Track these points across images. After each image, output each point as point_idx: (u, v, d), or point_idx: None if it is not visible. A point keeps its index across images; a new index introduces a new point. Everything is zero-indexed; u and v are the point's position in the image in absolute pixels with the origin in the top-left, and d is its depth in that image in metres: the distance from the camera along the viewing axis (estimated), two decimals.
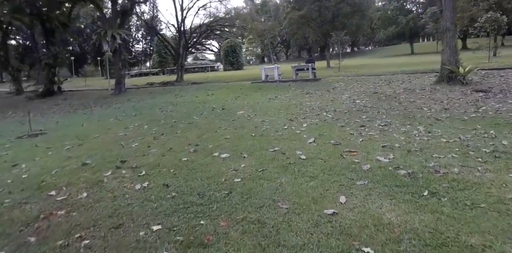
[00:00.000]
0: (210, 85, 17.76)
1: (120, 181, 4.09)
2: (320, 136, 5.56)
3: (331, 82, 13.53)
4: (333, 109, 8.05)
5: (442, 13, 10.30)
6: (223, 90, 14.79)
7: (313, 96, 10.58)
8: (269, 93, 12.29)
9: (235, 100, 11.36)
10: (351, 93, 10.52)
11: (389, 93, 9.61)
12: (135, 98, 15.19)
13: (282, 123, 6.97)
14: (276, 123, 6.97)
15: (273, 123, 7.00)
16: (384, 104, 8.10)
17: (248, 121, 7.56)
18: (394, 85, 11.32)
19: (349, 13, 28.32)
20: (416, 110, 7.15)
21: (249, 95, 12.32)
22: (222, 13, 25.89)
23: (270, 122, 7.19)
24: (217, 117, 8.46)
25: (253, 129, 6.62)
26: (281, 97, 11.12)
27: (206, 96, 13.42)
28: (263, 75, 15.43)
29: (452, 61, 10.03)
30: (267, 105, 9.73)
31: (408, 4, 57.87)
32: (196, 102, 11.90)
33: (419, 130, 5.46)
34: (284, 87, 13.31)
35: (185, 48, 25.98)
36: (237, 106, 9.93)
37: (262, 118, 7.76)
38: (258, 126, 6.86)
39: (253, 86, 14.53)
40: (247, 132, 6.32)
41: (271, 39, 79.18)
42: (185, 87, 18.50)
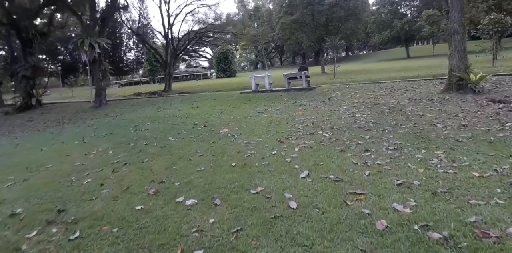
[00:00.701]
0: (197, 96, 16.69)
1: (41, 250, 2.97)
2: (315, 166, 4.48)
3: (326, 91, 12.50)
4: (330, 126, 6.97)
5: (449, 14, 9.33)
6: (210, 101, 13.71)
7: (307, 109, 9.52)
8: (258, 105, 11.23)
9: (221, 114, 10.28)
10: (350, 104, 9.48)
11: (393, 105, 8.57)
12: (113, 113, 14.07)
13: (270, 145, 5.88)
14: (263, 146, 5.88)
15: (260, 146, 5.90)
16: (389, 119, 7.04)
17: (230, 143, 6.46)
18: (397, 94, 10.30)
19: (343, 17, 27.45)
20: (428, 127, 6.09)
21: (237, 108, 11.25)
22: (211, 19, 24.97)
23: (256, 144, 6.10)
24: (196, 137, 7.35)
25: (235, 155, 5.52)
26: (272, 110, 10.05)
27: (190, 109, 12.32)
28: (252, 85, 14.39)
29: (461, 67, 9.03)
30: (255, 120, 8.65)
31: (402, 8, 57.46)
32: (177, 116, 10.79)
33: (439, 157, 4.39)
34: (275, 98, 12.26)
35: (173, 56, 24.94)
36: (221, 122, 8.85)
37: (248, 138, 6.67)
38: (242, 150, 5.76)
39: (241, 97, 13.47)
40: (227, 160, 5.22)
41: (265, 45, 78.71)
42: (171, 98, 17.41)
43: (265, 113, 9.61)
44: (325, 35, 24.70)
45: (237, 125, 8.26)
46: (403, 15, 56.28)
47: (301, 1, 26.48)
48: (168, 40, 24.08)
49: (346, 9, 26.68)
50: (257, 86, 14.44)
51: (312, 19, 27.51)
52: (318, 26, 27.99)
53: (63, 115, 15.94)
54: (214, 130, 7.97)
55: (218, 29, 25.24)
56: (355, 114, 8.00)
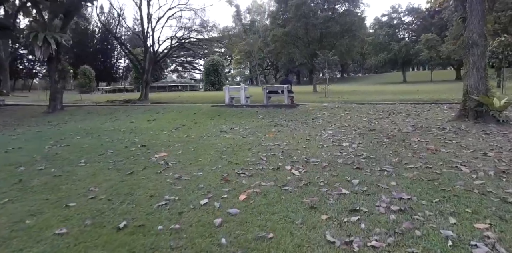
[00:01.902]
0: (166, 107, 14.63)
1: None
2: (260, 244, 2.41)
3: (311, 110, 10.55)
4: (304, 158, 4.94)
5: (465, 22, 7.54)
6: (173, 114, 11.66)
7: (282, 131, 7.50)
8: (226, 122, 9.21)
9: (174, 131, 8.21)
10: (337, 128, 7.49)
11: (393, 132, 6.60)
12: (58, 120, 11.94)
13: (206, 186, 3.84)
14: (196, 187, 3.83)
15: (191, 187, 3.86)
16: (388, 153, 5.04)
17: (154, 176, 4.40)
18: (397, 119, 8.37)
19: (339, 33, 25.96)
20: (448, 170, 4.08)
21: (199, 124, 9.21)
22: (196, 25, 23.26)
23: (189, 182, 4.06)
24: (117, 163, 5.25)
25: (143, 202, 3.46)
26: (239, 129, 8.02)
27: (145, 122, 10.24)
28: (226, 98, 12.41)
29: (481, 89, 7.17)
30: (211, 142, 6.59)
31: (400, 31, 57.00)
32: (121, 130, 8.70)
33: (485, 236, 2.36)
34: (249, 114, 10.27)
35: (152, 63, 22.99)
36: (167, 142, 6.78)
37: (184, 170, 4.62)
38: (160, 193, 3.71)
39: (211, 111, 11.46)
40: (120, 214, 3.14)
41: (259, 61, 77.62)
42: (137, 107, 15.33)
43: (228, 133, 7.57)
44: (318, 50, 23.06)
45: (183, 147, 6.19)
46: (401, 38, 55.76)
47: (295, 13, 24.99)
48: (146, 45, 22.18)
49: (341, 24, 25.21)
50: (231, 100, 12.46)
51: (305, 33, 25.98)
52: (312, 41, 26.44)
53: (4, 120, 13.72)
54: (150, 152, 5.89)
55: (202, 36, 23.49)
56: (342, 142, 5.99)
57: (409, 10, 54.20)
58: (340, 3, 27.17)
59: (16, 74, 64.17)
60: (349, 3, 26.93)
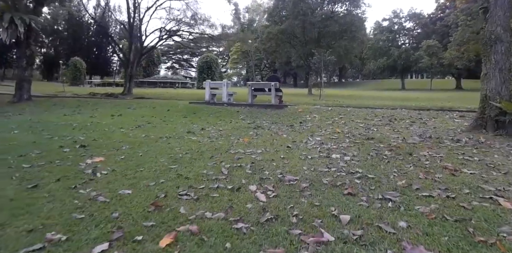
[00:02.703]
0: (142, 102, 13.30)
1: None
2: None
3: (301, 112, 9.30)
4: (278, 174, 3.67)
5: (487, 13, 6.35)
6: (145, 110, 10.37)
7: (261, 135, 6.23)
8: (199, 122, 7.93)
9: (134, 129, 6.92)
10: (327, 135, 6.23)
11: (396, 143, 5.35)
12: (15, 111, 10.60)
13: (123, 216, 2.59)
14: (105, 219, 2.56)
15: (100, 217, 2.60)
16: (392, 172, 3.78)
17: (60, 194, 3.14)
18: (400, 126, 7.14)
19: (337, 33, 24.78)
20: (481, 205, 2.82)
21: (168, 122, 7.92)
22: (187, 18, 21.91)
23: (101, 208, 2.82)
24: (29, 169, 3.97)
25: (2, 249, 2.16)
26: (211, 130, 6.74)
27: (108, 117, 8.92)
28: (207, 94, 11.11)
29: (504, 94, 5.98)
30: (169, 145, 5.31)
31: (401, 36, 56.11)
32: (73, 126, 7.38)
33: None
34: (229, 114, 8.99)
35: (138, 55, 21.62)
36: (117, 143, 5.50)
37: (111, 186, 3.37)
38: (43, 228, 2.42)
39: (187, 108, 10.17)
40: None
41: (256, 61, 76.33)
42: (110, 101, 14.00)
43: (196, 135, 6.28)
44: (314, 49, 21.84)
45: (131, 151, 4.89)
46: (401, 44, 54.90)
47: (292, 10, 23.79)
48: (132, 35, 20.80)
49: (341, 24, 24.02)
50: (212, 97, 11.17)
51: (302, 31, 24.77)
52: (309, 40, 25.22)
53: None
54: (85, 156, 4.59)
55: (193, 28, 22.12)
56: (331, 152, 4.72)
57: (410, 15, 53.32)
58: (340, 2, 26.00)
59: (7, 63, 62.28)
60: (349, 2, 25.78)
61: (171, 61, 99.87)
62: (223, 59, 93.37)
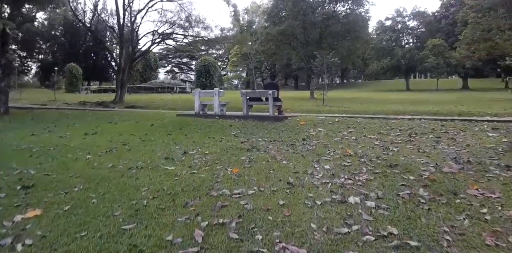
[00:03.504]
0: (125, 115, 12.13)
1: None
2: None
3: (303, 124, 8.13)
4: (278, 243, 2.49)
5: None
6: (126, 124, 9.26)
7: (256, 161, 5.06)
8: (184, 141, 6.78)
9: (104, 155, 5.78)
10: (337, 159, 5.06)
11: (428, 173, 4.18)
12: None
13: None
14: None
15: None
16: (441, 232, 2.61)
17: None
18: (424, 143, 5.96)
19: (340, 33, 23.62)
20: None
21: (146, 142, 6.77)
22: (181, 20, 20.79)
23: None
24: None
25: None
26: (195, 154, 5.58)
27: (81, 135, 7.79)
28: (196, 105, 9.95)
29: None
30: (137, 182, 4.16)
31: (404, 36, 54.89)
32: (33, 151, 6.26)
33: None
34: (220, 129, 7.84)
35: (128, 60, 20.53)
36: (73, 179, 4.39)
37: None
38: None
39: (174, 122, 9.03)
40: None
41: (257, 64, 75.25)
42: (93, 113, 12.86)
43: (175, 162, 5.13)
44: (316, 51, 20.64)
45: (83, 195, 3.75)
46: (405, 43, 53.72)
47: (292, 9, 22.66)
48: (122, 40, 19.71)
49: (343, 23, 22.86)
50: (203, 108, 10.01)
51: (303, 32, 23.62)
52: (310, 41, 24.06)
53: None
54: (20, 206, 3.45)
55: (187, 31, 21.03)
56: (347, 193, 3.55)
57: (414, 14, 52.11)
58: (342, 1, 24.85)
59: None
60: (352, 1, 24.63)
61: (171, 65, 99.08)
62: (222, 61, 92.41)
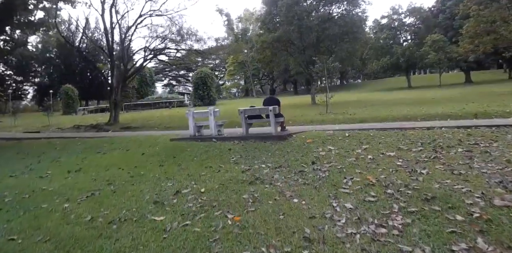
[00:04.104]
0: (119, 140, 11.32)
1: None
2: None
3: (310, 142, 7.31)
4: None
5: None
6: (116, 154, 8.50)
7: (260, 201, 4.24)
8: (177, 174, 5.98)
9: (84, 201, 4.99)
10: (358, 191, 4.25)
11: (478, 209, 3.36)
12: None
13: None
14: None
15: None
16: None
17: None
18: (457, 161, 5.12)
19: (338, 35, 22.90)
20: None
21: (136, 178, 5.99)
22: (172, 34, 20.12)
23: None
24: None
25: None
26: (189, 195, 4.77)
27: (63, 175, 7.01)
28: (191, 127, 9.15)
29: None
30: (114, 248, 3.36)
31: (402, 33, 54.21)
32: (5, 202, 5.46)
33: None
34: (218, 155, 7.03)
35: (121, 79, 19.85)
36: (39, 243, 3.59)
37: None
38: None
39: (167, 149, 8.23)
40: None
41: (254, 71, 74.85)
42: (82, 142, 12.05)
43: (165, 208, 4.32)
44: (314, 56, 19.86)
45: None
46: (403, 40, 53.07)
47: (286, 15, 21.99)
48: (113, 59, 19.07)
49: (340, 25, 22.15)
50: (198, 129, 9.20)
51: (299, 37, 22.92)
52: (307, 46, 23.34)
53: None
54: None
55: (179, 45, 20.37)
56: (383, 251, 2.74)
57: (410, 10, 51.50)
58: (338, 2, 24.19)
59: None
60: (347, 2, 23.96)
61: (168, 78, 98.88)
62: (220, 71, 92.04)
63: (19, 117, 34.71)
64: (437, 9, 50.12)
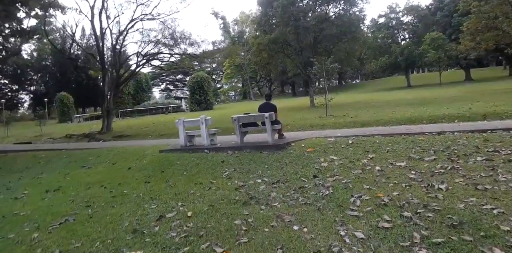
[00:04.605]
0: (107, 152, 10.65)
1: None
2: None
3: (310, 151, 6.70)
4: None
5: None
6: (101, 169, 7.91)
7: (256, 228, 3.64)
8: (164, 192, 5.37)
9: (54, 231, 4.41)
10: (370, 213, 3.66)
11: None
12: None
13: None
14: None
15: None
16: None
17: None
18: (478, 173, 4.53)
19: (336, 35, 22.35)
20: None
21: (118, 199, 5.39)
22: (165, 39, 19.55)
23: None
24: None
25: None
26: (174, 221, 4.17)
27: (40, 195, 6.41)
28: (181, 136, 8.54)
29: None
30: None
31: (400, 32, 53.73)
32: None
33: None
34: (210, 168, 6.43)
35: (113, 86, 19.26)
36: None
37: None
38: None
39: (155, 162, 7.62)
40: None
41: (251, 74, 74.35)
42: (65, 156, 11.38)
43: (145, 239, 3.72)
44: (312, 57, 19.31)
45: None
46: (402, 39, 52.61)
47: (282, 15, 21.44)
48: (104, 66, 18.49)
49: (339, 25, 21.61)
50: (190, 139, 8.60)
51: (296, 38, 22.36)
52: (305, 47, 22.77)
53: None
54: None
55: (172, 49, 19.81)
56: None
57: (407, 8, 51.00)
58: (334, 2, 23.64)
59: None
60: (344, 1, 23.42)
61: (165, 83, 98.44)
62: (217, 74, 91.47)
63: (13, 127, 34.01)
64: (435, 7, 49.70)
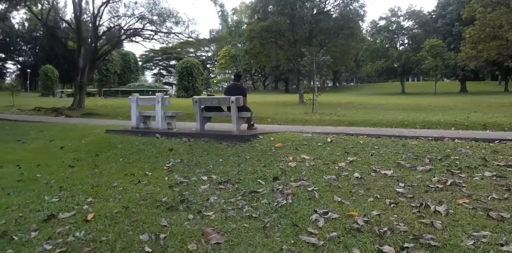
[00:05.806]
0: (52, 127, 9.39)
1: None
2: None
3: (279, 148, 5.51)
4: None
5: None
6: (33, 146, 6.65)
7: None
8: (80, 182, 4.14)
9: None
10: (333, 242, 2.50)
11: None
12: None
13: None
14: None
15: None
16: None
17: None
18: (487, 193, 3.40)
19: (332, 29, 21.16)
20: None
21: (24, 183, 4.15)
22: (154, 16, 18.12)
23: None
24: None
25: None
26: (64, 223, 2.96)
27: None
28: (133, 117, 7.30)
29: None
30: None
31: (399, 36, 52.89)
32: None
33: None
34: (153, 156, 5.24)
35: (88, 60, 17.79)
36: None
37: None
38: None
39: (96, 142, 6.39)
40: None
41: (246, 66, 72.84)
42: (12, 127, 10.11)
43: (12, 245, 2.51)
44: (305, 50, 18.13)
45: None
46: (401, 44, 51.81)
47: (277, 2, 20.18)
48: (81, 35, 17.01)
49: (336, 19, 20.44)
50: (144, 120, 7.36)
51: (291, 29, 21.13)
52: (299, 39, 21.54)
53: None
54: None
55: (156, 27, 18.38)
56: None
57: (409, 13, 50.11)
58: None
59: None
60: None
61: (158, 68, 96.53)
62: (212, 64, 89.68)
63: None
64: (437, 14, 48.93)
